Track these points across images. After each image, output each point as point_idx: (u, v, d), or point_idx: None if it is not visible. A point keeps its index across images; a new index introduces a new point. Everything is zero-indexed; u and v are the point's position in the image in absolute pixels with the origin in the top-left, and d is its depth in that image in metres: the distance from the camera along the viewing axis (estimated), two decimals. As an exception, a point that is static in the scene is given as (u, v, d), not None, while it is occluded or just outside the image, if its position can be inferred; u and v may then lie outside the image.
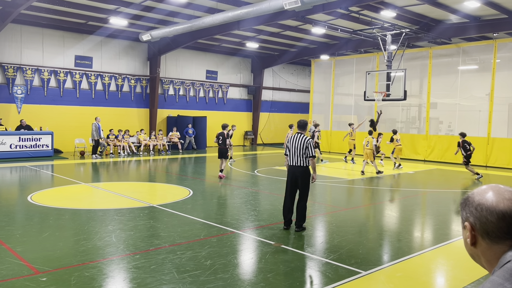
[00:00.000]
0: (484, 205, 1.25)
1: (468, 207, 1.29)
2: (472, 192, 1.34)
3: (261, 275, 5.18)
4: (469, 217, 1.28)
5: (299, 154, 7.17)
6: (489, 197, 1.26)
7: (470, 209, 1.28)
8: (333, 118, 24.07)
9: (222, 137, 12.82)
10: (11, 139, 16.74)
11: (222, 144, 12.85)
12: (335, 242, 6.69)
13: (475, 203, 1.27)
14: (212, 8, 16.46)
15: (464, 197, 1.35)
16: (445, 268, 5.92)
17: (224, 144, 12.87)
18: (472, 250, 1.31)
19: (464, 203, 1.32)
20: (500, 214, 1.22)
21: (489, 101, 18.06)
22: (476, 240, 1.27)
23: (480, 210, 1.25)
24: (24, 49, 18.91)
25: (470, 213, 1.28)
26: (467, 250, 1.34)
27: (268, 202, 9.81)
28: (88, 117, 20.33)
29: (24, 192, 10.46)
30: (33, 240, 6.44)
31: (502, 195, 1.25)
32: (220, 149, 12.90)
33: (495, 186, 1.30)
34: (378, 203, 10.35)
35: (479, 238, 1.26)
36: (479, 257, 1.30)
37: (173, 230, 7.10)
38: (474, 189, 1.35)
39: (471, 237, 1.27)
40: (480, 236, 1.25)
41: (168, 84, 23.71)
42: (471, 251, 1.32)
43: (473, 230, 1.27)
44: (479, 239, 1.26)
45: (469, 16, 16.74)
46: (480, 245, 1.26)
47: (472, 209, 1.27)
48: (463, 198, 1.35)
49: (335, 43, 22.55)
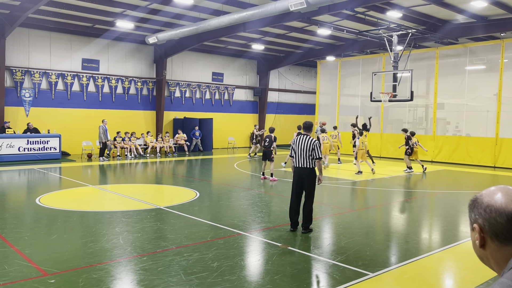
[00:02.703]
0: (493, 206, 1.24)
1: (477, 209, 1.28)
2: (480, 193, 1.33)
3: (268, 277, 5.18)
4: (478, 218, 1.27)
5: (305, 156, 7.16)
6: (498, 198, 1.25)
7: (479, 210, 1.27)
8: (340, 119, 24.00)
9: (269, 140, 13.30)
10: (19, 142, 16.88)
11: (267, 146, 13.25)
12: (342, 243, 6.67)
13: (484, 205, 1.26)
14: (217, 10, 16.51)
15: (473, 198, 1.34)
16: (453, 270, 5.88)
17: (270, 146, 13.29)
18: (481, 252, 1.30)
19: (473, 204, 1.31)
20: (509, 215, 1.21)
21: (497, 101, 17.92)
22: (485, 242, 1.26)
23: (490, 211, 1.24)
24: (32, 53, 19.07)
25: (479, 215, 1.27)
26: (475, 252, 1.33)
27: (274, 204, 9.80)
28: (95, 119, 20.44)
29: (33, 195, 10.54)
30: (42, 242, 6.48)
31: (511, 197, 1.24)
32: (264, 151, 13.34)
33: (503, 187, 1.29)
34: (385, 204, 10.30)
35: (488, 240, 1.25)
36: (488, 259, 1.29)
37: (180, 232, 7.12)
38: (483, 191, 1.34)
39: (480, 239, 1.26)
40: (489, 238, 1.25)
41: (175, 87, 23.80)
42: (480, 253, 1.31)
43: (482, 232, 1.26)
44: (488, 241, 1.25)
45: (476, 16, 16.63)
46: (489, 247, 1.26)
47: (481, 211, 1.26)
48: (472, 199, 1.34)
49: (341, 44, 22.51)
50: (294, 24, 18.77)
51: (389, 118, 22.57)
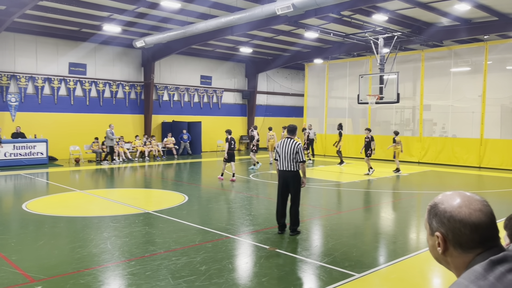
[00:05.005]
0: (456, 217, 1.25)
1: (438, 217, 1.29)
2: (439, 199, 1.33)
3: (256, 280, 5.22)
4: (440, 227, 1.28)
5: (290, 159, 7.21)
6: (460, 208, 1.26)
7: (441, 219, 1.28)
8: (328, 122, 24.18)
9: (233, 143, 13.78)
10: (5, 147, 16.69)
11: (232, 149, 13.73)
12: (329, 245, 6.74)
13: (446, 214, 1.27)
14: (204, 14, 16.54)
15: (431, 204, 1.34)
16: (439, 269, 5.97)
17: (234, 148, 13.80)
18: (440, 257, 1.32)
19: (433, 211, 1.31)
20: (473, 226, 1.23)
21: (482, 102, 18.22)
22: (447, 249, 1.28)
23: (453, 222, 1.25)
24: (18, 57, 18.89)
25: (441, 224, 1.28)
26: (433, 255, 1.34)
27: (263, 207, 9.84)
28: (83, 124, 20.32)
29: (19, 200, 10.44)
30: (28, 248, 6.44)
31: (473, 206, 1.26)
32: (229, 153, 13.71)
33: (460, 193, 1.30)
34: (372, 205, 10.42)
35: (450, 247, 1.27)
36: (447, 263, 1.31)
37: (168, 236, 7.13)
38: (440, 196, 1.35)
39: (443, 247, 1.28)
40: (452, 246, 1.26)
41: (163, 90, 23.75)
42: (439, 257, 1.33)
43: (444, 241, 1.27)
44: (450, 248, 1.27)
45: (460, 19, 16.92)
46: (451, 254, 1.28)
47: (444, 220, 1.27)
48: (430, 204, 1.35)
49: (328, 47, 22.69)
50: (282, 28, 18.89)
51: (377, 120, 22.80)
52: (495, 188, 13.28)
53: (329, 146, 23.48)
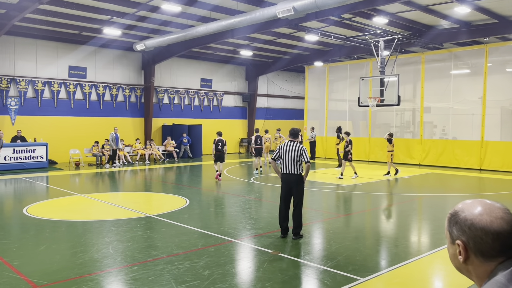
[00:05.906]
0: (477, 225, 1.24)
1: (459, 225, 1.28)
2: (459, 207, 1.32)
3: (260, 284, 5.19)
4: (461, 235, 1.27)
5: (293, 162, 7.18)
6: (481, 216, 1.25)
7: (462, 227, 1.27)
8: (328, 124, 24.16)
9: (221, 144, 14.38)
10: (5, 151, 16.64)
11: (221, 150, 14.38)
12: (332, 249, 6.71)
13: (467, 222, 1.26)
14: (205, 17, 16.55)
15: (451, 212, 1.33)
16: (442, 273, 5.95)
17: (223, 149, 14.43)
18: (462, 266, 1.30)
19: (454, 219, 1.30)
20: (495, 234, 1.22)
21: (482, 104, 18.22)
22: (468, 257, 1.27)
23: (475, 230, 1.24)
24: (18, 61, 18.88)
25: (461, 232, 1.27)
26: (454, 264, 1.33)
27: (265, 210, 9.81)
28: (83, 127, 20.30)
29: (20, 205, 10.40)
30: (30, 253, 6.41)
31: (494, 214, 1.24)
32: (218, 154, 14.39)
33: (481, 201, 1.29)
34: (374, 208, 10.39)
35: (472, 256, 1.26)
36: (469, 272, 1.30)
37: (170, 240, 7.09)
38: (460, 204, 1.33)
39: (464, 255, 1.27)
40: (474, 254, 1.25)
41: (163, 93, 23.74)
42: (460, 266, 1.31)
43: (466, 249, 1.26)
44: (472, 257, 1.26)
45: (460, 21, 16.93)
46: (472, 262, 1.26)
47: (465, 228, 1.26)
48: (450, 213, 1.34)
49: (329, 50, 22.70)
50: (282, 30, 18.90)
51: (377, 123, 22.79)
52: (496, 190, 13.26)
53: (330, 149, 23.46)
